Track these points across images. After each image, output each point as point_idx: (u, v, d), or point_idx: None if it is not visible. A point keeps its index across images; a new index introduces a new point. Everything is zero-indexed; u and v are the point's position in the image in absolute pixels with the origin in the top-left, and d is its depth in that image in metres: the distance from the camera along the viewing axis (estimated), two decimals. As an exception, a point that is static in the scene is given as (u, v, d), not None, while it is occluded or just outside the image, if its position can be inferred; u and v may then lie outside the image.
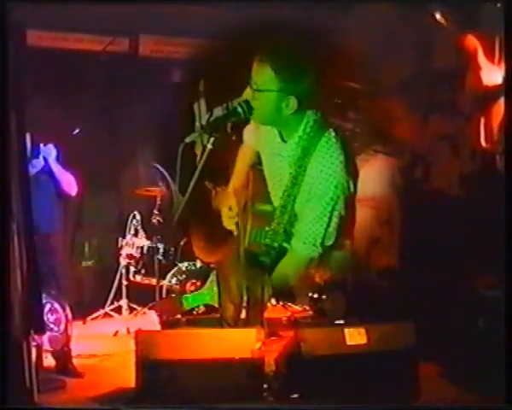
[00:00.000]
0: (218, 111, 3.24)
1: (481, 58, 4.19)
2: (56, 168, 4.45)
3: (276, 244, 3.00)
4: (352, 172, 2.90)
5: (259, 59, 2.81)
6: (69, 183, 4.57)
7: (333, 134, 2.86)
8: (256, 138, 3.18)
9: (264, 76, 2.80)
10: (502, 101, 3.87)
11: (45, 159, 4.41)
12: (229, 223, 3.31)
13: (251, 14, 4.54)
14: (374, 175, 4.99)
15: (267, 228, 3.01)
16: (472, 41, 4.27)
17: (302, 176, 2.86)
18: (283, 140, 2.97)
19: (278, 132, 2.98)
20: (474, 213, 4.41)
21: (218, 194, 3.44)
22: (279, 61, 2.78)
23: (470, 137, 4.46)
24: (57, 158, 4.50)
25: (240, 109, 2.92)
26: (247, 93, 2.91)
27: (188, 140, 2.89)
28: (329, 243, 2.98)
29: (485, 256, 4.03)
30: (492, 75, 4.12)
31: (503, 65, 3.74)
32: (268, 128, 3.02)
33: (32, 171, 4.26)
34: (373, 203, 4.92)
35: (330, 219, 2.89)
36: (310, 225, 2.91)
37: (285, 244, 3.05)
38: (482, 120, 4.34)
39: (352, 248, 3.24)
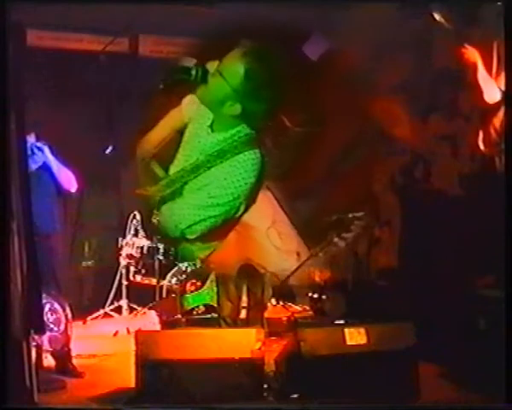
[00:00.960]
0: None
1: (481, 61, 4.19)
2: (55, 165, 4.45)
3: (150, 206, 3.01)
4: (250, 197, 2.91)
5: (239, 50, 2.80)
6: (68, 179, 4.56)
7: (256, 155, 2.85)
8: (191, 111, 3.13)
9: (232, 68, 2.78)
10: (502, 101, 3.87)
11: (44, 156, 4.41)
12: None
13: (251, 15, 4.54)
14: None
15: (148, 188, 3.01)
16: (472, 43, 4.27)
17: (204, 170, 2.87)
18: (212, 129, 2.96)
19: (212, 120, 2.96)
20: (473, 213, 4.40)
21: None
22: (253, 69, 2.76)
23: (470, 138, 4.46)
24: (57, 157, 4.50)
25: (193, 72, 2.88)
26: (210, 65, 2.87)
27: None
28: (189, 236, 2.95)
29: (485, 256, 4.03)
30: (492, 78, 4.12)
31: (503, 65, 3.74)
32: (206, 109, 2.99)
33: (33, 167, 4.25)
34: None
35: (205, 220, 2.88)
36: (185, 209, 2.90)
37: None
38: (482, 121, 4.34)
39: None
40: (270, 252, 4.95)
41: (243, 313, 4.06)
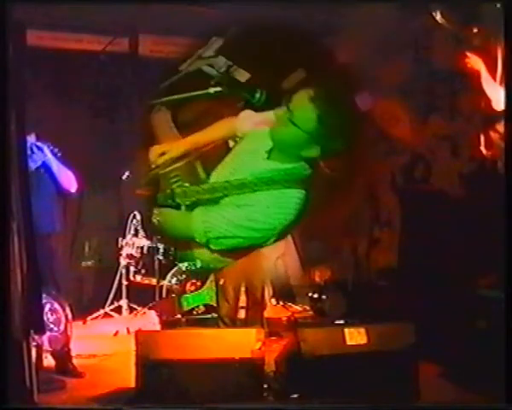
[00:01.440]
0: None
1: (481, 61, 4.19)
2: (55, 165, 4.45)
3: (173, 203, 2.95)
4: (283, 234, 2.90)
5: (304, 95, 2.75)
6: (68, 179, 4.56)
7: (303, 196, 2.83)
8: (247, 128, 3.09)
9: (304, 115, 2.73)
10: (502, 101, 3.86)
11: (44, 156, 4.41)
12: (154, 155, 3.16)
13: (251, 14, 4.54)
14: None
15: (187, 185, 2.97)
16: (472, 43, 4.27)
17: (249, 191, 2.84)
18: (268, 156, 2.89)
19: (271, 148, 2.90)
20: (473, 213, 4.40)
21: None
22: (325, 112, 2.71)
23: (470, 138, 4.46)
24: (57, 157, 4.50)
25: (258, 96, 2.87)
26: (278, 110, 2.84)
27: None
28: (213, 247, 2.92)
29: (485, 256, 4.03)
30: (492, 78, 4.12)
31: (502, 65, 3.74)
32: (267, 134, 2.93)
33: (32, 166, 4.25)
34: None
35: (235, 238, 2.86)
36: (220, 220, 2.85)
37: (184, 211, 2.99)
38: (482, 121, 4.34)
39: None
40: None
41: (242, 313, 4.06)
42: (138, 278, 5.76)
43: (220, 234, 2.85)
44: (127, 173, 5.84)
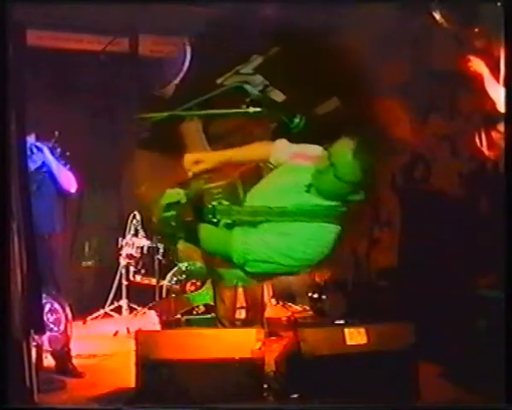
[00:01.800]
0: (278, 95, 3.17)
1: (481, 61, 4.19)
2: (55, 166, 4.45)
3: (214, 219, 2.92)
4: (315, 267, 2.94)
5: (346, 145, 2.76)
6: (68, 180, 4.56)
7: (339, 231, 2.85)
8: (282, 156, 3.09)
9: (348, 170, 2.74)
10: (502, 101, 3.86)
11: (44, 156, 4.41)
12: (188, 162, 3.14)
13: (250, 14, 4.54)
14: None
15: (228, 203, 2.95)
16: (472, 43, 4.27)
17: (290, 220, 2.84)
18: (308, 190, 2.89)
19: (309, 184, 2.89)
20: (473, 213, 4.40)
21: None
22: (367, 162, 2.73)
23: (470, 138, 4.46)
24: (56, 157, 4.50)
25: (297, 121, 2.86)
26: (322, 166, 2.81)
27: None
28: (249, 269, 2.92)
29: (485, 256, 4.03)
30: (492, 78, 4.12)
31: (502, 65, 3.74)
32: (307, 170, 2.92)
33: (32, 166, 4.25)
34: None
35: (273, 264, 2.86)
36: (260, 245, 2.86)
37: (223, 228, 2.98)
38: (482, 120, 4.34)
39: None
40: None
41: (242, 314, 4.07)
42: (138, 278, 5.76)
43: (259, 258, 2.85)
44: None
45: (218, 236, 2.95)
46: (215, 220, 2.88)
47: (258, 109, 2.81)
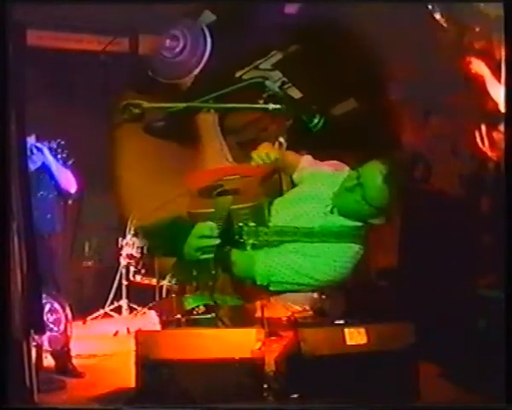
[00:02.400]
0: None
1: (481, 61, 4.19)
2: (55, 166, 4.45)
3: (241, 240, 2.93)
4: (316, 286, 3.00)
5: (382, 173, 2.75)
6: (68, 180, 4.56)
7: (362, 251, 2.91)
8: (306, 179, 3.09)
9: (378, 195, 2.76)
10: (502, 101, 3.86)
11: (44, 157, 4.41)
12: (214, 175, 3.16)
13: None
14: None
15: (254, 224, 2.94)
16: (472, 43, 4.27)
17: (317, 241, 2.85)
18: (331, 212, 2.89)
19: (332, 206, 2.91)
20: (473, 213, 4.40)
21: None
22: (394, 186, 2.76)
23: (470, 138, 4.46)
24: (57, 158, 4.50)
25: (316, 121, 2.87)
26: (350, 184, 2.81)
27: None
28: (273, 288, 3.01)
29: (485, 256, 4.03)
30: (492, 78, 4.12)
31: (503, 65, 3.74)
32: (327, 195, 2.94)
33: (32, 167, 4.25)
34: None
35: (296, 285, 2.98)
36: (285, 267, 2.89)
37: (247, 250, 2.99)
38: (482, 120, 4.34)
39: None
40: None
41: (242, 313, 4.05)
42: (138, 278, 5.76)
43: (283, 280, 2.90)
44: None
45: (243, 259, 2.96)
46: (241, 241, 2.88)
47: (278, 106, 2.80)
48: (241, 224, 2.90)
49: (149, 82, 4.62)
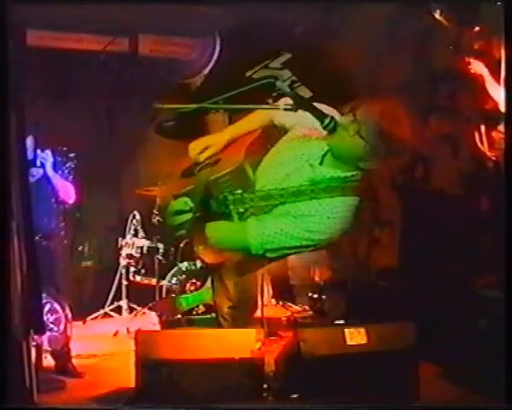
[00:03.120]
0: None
1: (481, 61, 4.19)
2: (54, 176, 4.44)
3: (226, 210, 2.80)
4: (320, 245, 2.82)
5: (380, 109, 2.73)
6: (66, 190, 4.56)
7: (359, 204, 2.75)
8: (289, 120, 2.93)
9: (373, 129, 2.69)
10: (502, 101, 3.86)
11: (43, 165, 4.40)
12: (194, 152, 3.01)
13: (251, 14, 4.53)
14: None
15: (239, 191, 2.80)
16: (472, 43, 4.27)
17: (306, 199, 2.73)
18: (321, 162, 2.76)
19: (325, 153, 2.76)
20: (473, 213, 4.40)
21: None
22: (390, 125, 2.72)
23: (470, 138, 4.46)
24: (56, 161, 4.50)
25: (327, 121, 2.74)
26: (343, 121, 2.69)
27: None
28: (270, 255, 2.84)
29: (485, 256, 4.03)
30: (492, 78, 4.12)
31: (502, 65, 3.74)
32: (319, 140, 2.79)
33: (31, 179, 4.24)
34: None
35: (293, 248, 2.79)
36: (277, 233, 2.74)
37: (236, 221, 2.85)
38: (482, 120, 4.34)
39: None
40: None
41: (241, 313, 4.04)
42: (138, 278, 5.76)
43: (279, 246, 2.75)
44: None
45: (234, 231, 2.84)
46: (227, 211, 2.77)
47: (289, 106, 2.76)
48: (226, 194, 2.78)
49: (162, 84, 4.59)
